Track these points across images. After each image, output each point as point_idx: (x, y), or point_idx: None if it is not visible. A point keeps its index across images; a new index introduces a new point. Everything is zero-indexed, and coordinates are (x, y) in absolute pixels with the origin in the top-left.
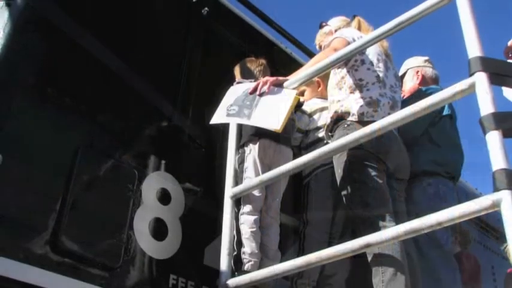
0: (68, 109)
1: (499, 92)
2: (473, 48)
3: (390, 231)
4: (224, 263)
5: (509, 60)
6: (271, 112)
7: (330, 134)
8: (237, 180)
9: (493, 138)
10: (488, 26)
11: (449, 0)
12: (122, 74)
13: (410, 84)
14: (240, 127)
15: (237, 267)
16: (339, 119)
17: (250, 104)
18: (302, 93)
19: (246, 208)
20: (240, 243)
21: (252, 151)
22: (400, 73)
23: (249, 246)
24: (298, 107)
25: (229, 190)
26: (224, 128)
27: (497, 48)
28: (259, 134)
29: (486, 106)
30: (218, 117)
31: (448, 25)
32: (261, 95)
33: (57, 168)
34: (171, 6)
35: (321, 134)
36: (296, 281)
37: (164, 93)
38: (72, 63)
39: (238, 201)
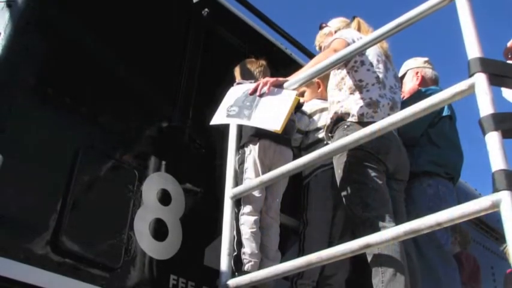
0: (69, 110)
1: (499, 92)
2: (473, 49)
3: (390, 232)
4: (224, 264)
5: (508, 61)
6: (271, 113)
7: (330, 134)
8: (237, 180)
9: (493, 139)
10: (488, 27)
11: (449, 1)
12: (122, 74)
13: (410, 85)
14: (240, 128)
15: (237, 267)
16: (338, 120)
17: (250, 105)
18: (302, 94)
19: (246, 209)
20: (240, 244)
21: (252, 152)
22: (400, 74)
23: (249, 247)
24: (298, 107)
25: (230, 191)
26: (224, 128)
27: (496, 49)
28: (259, 134)
29: (485, 107)
30: (218, 118)
31: (447, 26)
32: (261, 95)
33: (58, 169)
34: (172, 7)
35: (321, 134)
36: (296, 281)
37: (164, 94)
38: (73, 64)
39: (238, 202)
